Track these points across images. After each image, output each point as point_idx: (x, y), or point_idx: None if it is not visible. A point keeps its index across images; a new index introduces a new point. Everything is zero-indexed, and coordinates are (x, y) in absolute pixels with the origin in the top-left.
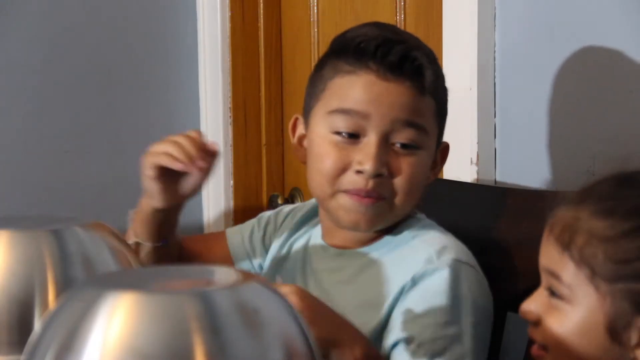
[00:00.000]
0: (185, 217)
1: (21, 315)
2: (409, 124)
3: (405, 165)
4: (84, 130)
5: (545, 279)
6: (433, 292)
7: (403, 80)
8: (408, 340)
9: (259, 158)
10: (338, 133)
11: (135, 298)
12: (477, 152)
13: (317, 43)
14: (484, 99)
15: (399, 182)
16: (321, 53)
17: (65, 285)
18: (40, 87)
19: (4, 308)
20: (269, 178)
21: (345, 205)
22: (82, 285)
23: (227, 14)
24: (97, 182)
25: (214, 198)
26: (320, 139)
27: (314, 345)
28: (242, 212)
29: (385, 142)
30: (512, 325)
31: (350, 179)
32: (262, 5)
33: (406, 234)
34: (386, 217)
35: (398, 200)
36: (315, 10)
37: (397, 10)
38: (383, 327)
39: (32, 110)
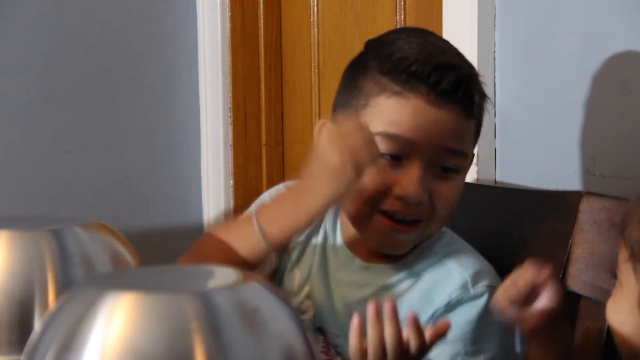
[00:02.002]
0: (185, 218)
1: (21, 315)
2: (453, 151)
3: (446, 191)
4: (84, 130)
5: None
6: (466, 320)
7: (453, 106)
8: None
9: (259, 158)
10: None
11: (135, 298)
12: (477, 152)
13: (317, 43)
14: None
15: (438, 206)
16: (321, 53)
17: (65, 285)
18: (41, 87)
19: (4, 308)
20: (269, 178)
21: (381, 230)
22: (82, 285)
23: (227, 14)
24: (97, 182)
25: (214, 198)
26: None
27: (314, 345)
28: (242, 212)
29: (427, 167)
30: None
31: (391, 202)
32: (262, 5)
33: (436, 251)
34: (420, 239)
35: (435, 224)
36: (315, 10)
37: (397, 10)
38: None
39: (33, 111)
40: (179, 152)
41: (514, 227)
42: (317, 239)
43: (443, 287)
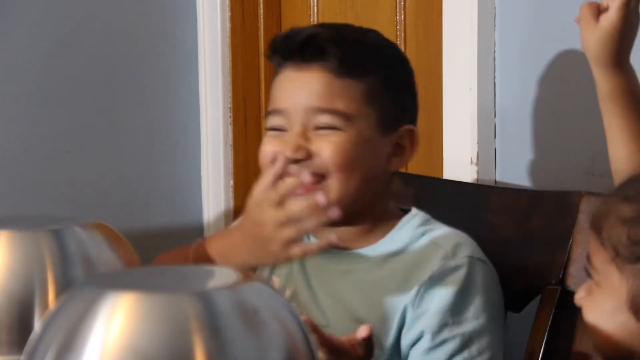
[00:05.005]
0: (185, 218)
1: (21, 315)
2: (323, 110)
3: (325, 144)
4: (84, 130)
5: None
6: (450, 290)
7: (311, 66)
8: (427, 339)
9: (259, 158)
10: (271, 129)
11: (135, 298)
12: (477, 152)
13: None
14: (484, 99)
15: (324, 160)
16: None
17: (65, 285)
18: (41, 87)
19: (4, 308)
20: None
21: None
22: (82, 285)
23: (227, 14)
24: (97, 182)
25: (214, 198)
26: (264, 137)
27: (314, 345)
28: (242, 212)
29: (303, 130)
30: (512, 325)
31: (271, 146)
32: (262, 5)
33: (411, 231)
34: (333, 199)
35: (333, 179)
36: (315, 10)
37: (397, 10)
38: (400, 327)
39: (32, 111)
40: (179, 152)
41: (514, 227)
42: None
43: (423, 263)
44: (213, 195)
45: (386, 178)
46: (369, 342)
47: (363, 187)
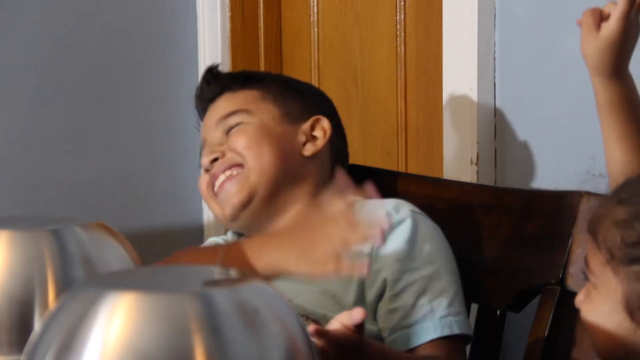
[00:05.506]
0: (185, 218)
1: (21, 315)
2: (227, 115)
3: (234, 136)
4: (84, 130)
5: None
6: (401, 240)
7: (210, 99)
8: (389, 287)
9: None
10: (206, 171)
11: (135, 298)
12: (477, 152)
13: (317, 43)
14: (484, 99)
15: (237, 149)
16: (321, 53)
17: (65, 285)
18: (40, 87)
19: (4, 308)
20: None
21: (216, 205)
22: (82, 285)
23: (227, 14)
24: (97, 182)
25: None
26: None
27: (314, 345)
28: None
29: (216, 140)
30: (512, 325)
31: (210, 181)
32: (262, 5)
33: (355, 207)
34: (250, 183)
35: (248, 163)
36: (315, 10)
37: (397, 10)
38: (360, 285)
39: (32, 110)
40: (179, 152)
41: (513, 227)
42: None
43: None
44: None
45: (304, 162)
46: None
47: (279, 166)
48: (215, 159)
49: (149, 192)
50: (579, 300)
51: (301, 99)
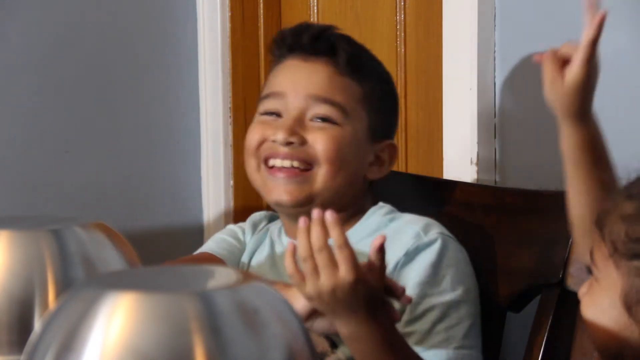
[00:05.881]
0: (185, 217)
1: (21, 315)
2: (324, 100)
3: (321, 135)
4: (84, 130)
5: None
6: (427, 264)
7: (318, 59)
8: (407, 311)
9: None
10: (264, 114)
11: (135, 298)
12: (477, 152)
13: None
14: (484, 99)
15: (316, 150)
16: None
17: (65, 285)
18: (40, 87)
19: (4, 308)
20: None
21: (267, 181)
22: (82, 285)
23: (227, 14)
24: (98, 182)
25: (214, 198)
26: (253, 122)
27: (314, 345)
28: (242, 212)
29: (300, 116)
30: (512, 325)
31: (266, 147)
32: (262, 5)
33: (379, 219)
34: (311, 190)
35: (321, 170)
36: (315, 10)
37: (397, 10)
38: None
39: (32, 110)
40: (179, 152)
41: (513, 227)
42: (263, 250)
43: (397, 243)
44: (213, 195)
45: (363, 185)
46: (383, 253)
47: (345, 186)
48: (291, 143)
49: (149, 192)
50: (582, 292)
51: (390, 116)
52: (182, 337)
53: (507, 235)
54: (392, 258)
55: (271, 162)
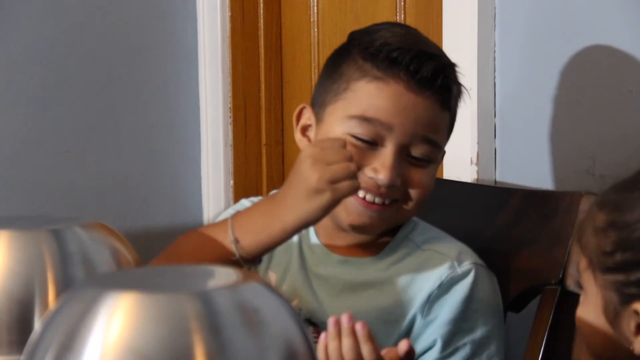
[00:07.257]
0: (185, 218)
1: (21, 315)
2: (427, 140)
3: (418, 177)
4: (84, 130)
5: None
6: (460, 299)
7: (431, 94)
8: (438, 348)
9: (259, 158)
10: (356, 137)
11: (135, 298)
12: (477, 152)
13: (317, 43)
14: (484, 99)
15: (411, 192)
16: (321, 53)
17: (65, 285)
18: (41, 87)
19: (4, 308)
20: (269, 178)
21: (351, 208)
22: (82, 285)
23: (227, 14)
24: (97, 182)
25: (214, 198)
26: (333, 128)
27: (314, 344)
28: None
29: (401, 153)
30: (512, 325)
31: (364, 180)
32: (262, 5)
33: (413, 240)
34: (391, 223)
35: (408, 209)
36: (315, 10)
37: (397, 10)
38: (406, 334)
39: (33, 110)
40: (179, 152)
41: (514, 227)
42: (291, 239)
43: (429, 271)
44: (213, 195)
45: None
46: (410, 354)
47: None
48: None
49: (149, 192)
50: (580, 300)
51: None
52: (182, 337)
53: (507, 235)
54: (425, 287)
55: (363, 193)
